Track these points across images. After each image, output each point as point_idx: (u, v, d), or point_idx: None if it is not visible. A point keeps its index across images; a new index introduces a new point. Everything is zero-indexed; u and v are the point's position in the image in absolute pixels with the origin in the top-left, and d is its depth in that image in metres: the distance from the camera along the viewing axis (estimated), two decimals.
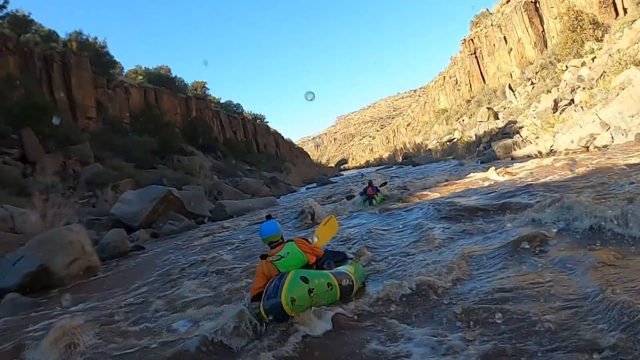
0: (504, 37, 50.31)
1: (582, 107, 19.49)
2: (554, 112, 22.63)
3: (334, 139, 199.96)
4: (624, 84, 16.51)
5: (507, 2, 51.21)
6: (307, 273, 3.79)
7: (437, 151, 44.00)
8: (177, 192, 16.27)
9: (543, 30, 43.86)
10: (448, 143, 45.21)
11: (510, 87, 42.95)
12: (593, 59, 26.87)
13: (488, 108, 41.10)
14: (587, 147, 14.29)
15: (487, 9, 59.67)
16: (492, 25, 54.96)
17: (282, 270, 3.91)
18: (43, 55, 29.51)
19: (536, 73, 39.26)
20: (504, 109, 39.99)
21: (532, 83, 38.83)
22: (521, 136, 22.71)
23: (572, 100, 22.66)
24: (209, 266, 6.97)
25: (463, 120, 52.08)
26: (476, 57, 59.47)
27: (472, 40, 60.06)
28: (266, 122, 69.03)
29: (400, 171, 31.63)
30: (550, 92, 28.96)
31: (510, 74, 48.64)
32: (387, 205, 10.73)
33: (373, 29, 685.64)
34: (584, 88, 22.55)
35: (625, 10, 30.70)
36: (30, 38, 29.83)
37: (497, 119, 37.89)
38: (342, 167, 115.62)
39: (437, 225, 6.67)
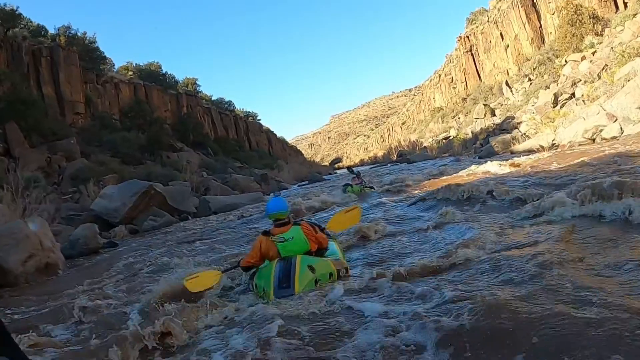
0: (501, 34, 49.79)
1: (583, 101, 18.95)
2: (554, 107, 22.06)
3: (328, 137, 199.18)
4: (629, 76, 16.01)
5: None
6: (313, 261, 3.79)
7: (433, 149, 43.37)
8: (161, 188, 15.51)
9: (540, 27, 43.37)
10: (444, 140, 44.54)
11: (507, 84, 42.42)
12: (593, 53, 26.24)
13: (484, 105, 40.47)
14: (593, 139, 13.70)
15: (483, 7, 59.29)
16: (488, 22, 54.45)
17: (283, 254, 3.89)
18: (31, 50, 28.89)
19: (534, 69, 38.68)
20: (501, 105, 39.41)
21: (530, 79, 38.25)
22: (520, 131, 22.10)
23: (573, 94, 22.10)
24: (181, 261, 6.31)
25: (459, 118, 51.52)
26: (472, 55, 59.00)
27: (467, 37, 59.58)
28: (259, 120, 68.26)
29: (395, 168, 31.03)
30: (548, 87, 28.40)
31: (507, 71, 48.10)
32: (381, 197, 10.49)
33: (367, 27, 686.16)
34: (585, 82, 21.96)
35: (625, 4, 30.16)
36: (18, 32, 29.19)
37: (494, 115, 37.32)
38: (336, 165, 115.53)
39: (431, 215, 6.48)
